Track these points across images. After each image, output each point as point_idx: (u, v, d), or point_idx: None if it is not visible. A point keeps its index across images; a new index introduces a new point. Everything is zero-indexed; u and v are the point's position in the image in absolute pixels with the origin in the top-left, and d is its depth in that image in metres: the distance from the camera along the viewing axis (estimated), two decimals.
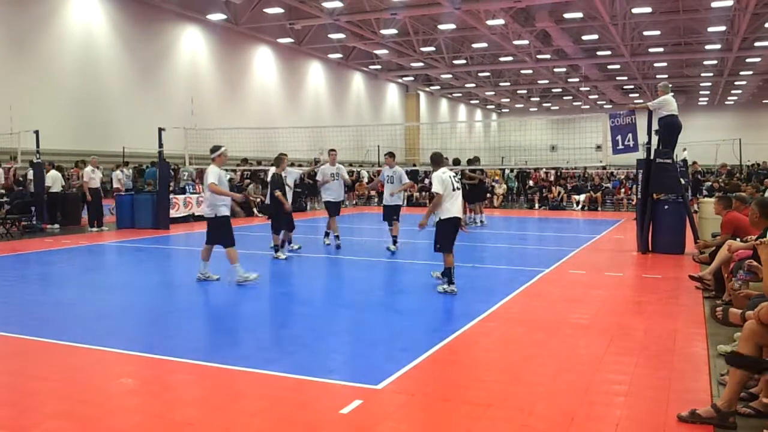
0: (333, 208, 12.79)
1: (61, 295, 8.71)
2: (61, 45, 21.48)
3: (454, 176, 8.29)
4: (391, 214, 12.25)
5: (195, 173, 21.46)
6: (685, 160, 21.60)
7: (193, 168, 21.26)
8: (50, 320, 7.12)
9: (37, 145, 17.54)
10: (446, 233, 8.19)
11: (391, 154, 12.62)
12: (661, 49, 35.25)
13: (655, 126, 12.09)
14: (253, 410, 4.50)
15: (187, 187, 19.75)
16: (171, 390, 4.98)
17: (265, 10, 27.15)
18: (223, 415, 4.35)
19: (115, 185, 19.71)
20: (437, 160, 8.44)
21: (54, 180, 16.83)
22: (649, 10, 26.80)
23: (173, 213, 17.58)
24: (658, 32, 31.34)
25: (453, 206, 8.17)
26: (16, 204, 15.76)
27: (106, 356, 5.73)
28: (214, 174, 8.75)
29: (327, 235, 13.20)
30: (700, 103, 54.25)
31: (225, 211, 8.93)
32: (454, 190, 8.15)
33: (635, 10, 27.00)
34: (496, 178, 28.00)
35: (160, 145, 16.69)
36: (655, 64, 40.04)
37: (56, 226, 16.64)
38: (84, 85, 22.16)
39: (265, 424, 4.28)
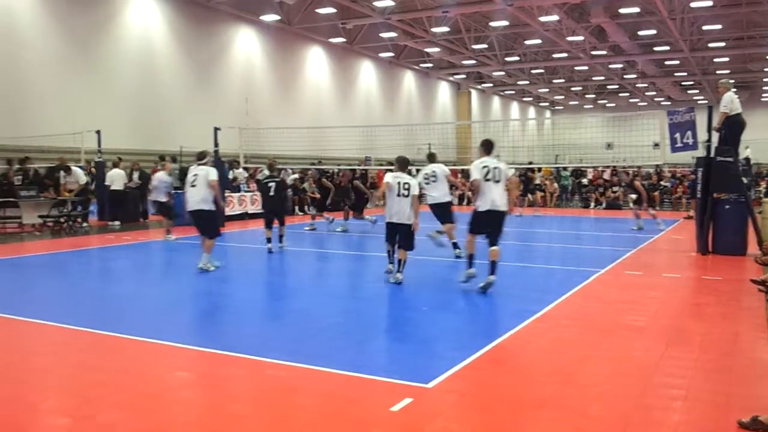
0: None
1: (119, 289, 8.98)
2: (121, 46, 22.13)
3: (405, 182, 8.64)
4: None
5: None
6: (747, 158, 20.88)
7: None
8: (110, 314, 7.35)
9: (99, 145, 18.15)
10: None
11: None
12: (722, 44, 34.01)
13: (715, 123, 11.72)
14: (304, 405, 4.56)
15: (241, 186, 20.19)
16: (225, 384, 5.08)
17: (318, 11, 27.39)
18: (276, 410, 4.42)
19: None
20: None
21: (115, 178, 17.35)
22: (709, 3, 25.92)
23: (228, 210, 17.91)
24: (719, 26, 30.28)
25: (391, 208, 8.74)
26: (81, 202, 16.19)
27: (162, 349, 5.87)
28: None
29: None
30: (763, 99, 52.24)
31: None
32: (398, 195, 8.57)
33: (694, 4, 26.15)
34: (548, 176, 27.57)
35: (216, 145, 17.03)
36: (716, 60, 38.75)
37: (117, 223, 17.15)
38: (142, 85, 22.77)
39: (317, 420, 4.32)
